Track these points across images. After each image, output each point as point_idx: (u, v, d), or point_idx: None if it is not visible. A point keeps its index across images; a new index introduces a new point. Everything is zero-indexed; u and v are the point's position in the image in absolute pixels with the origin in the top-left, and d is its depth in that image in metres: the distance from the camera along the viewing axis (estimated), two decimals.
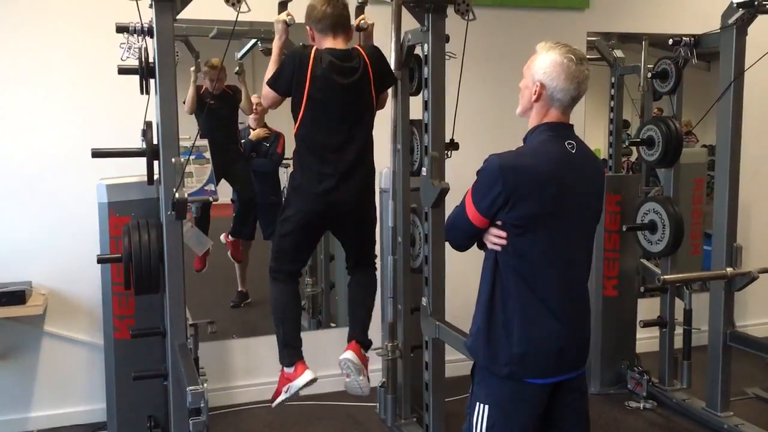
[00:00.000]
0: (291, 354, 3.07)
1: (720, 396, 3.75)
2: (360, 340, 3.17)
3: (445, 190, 3.17)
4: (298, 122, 2.98)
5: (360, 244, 3.25)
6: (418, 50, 3.40)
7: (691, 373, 4.10)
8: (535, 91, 2.13)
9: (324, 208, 3.04)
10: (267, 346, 4.19)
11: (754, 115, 4.54)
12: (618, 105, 4.83)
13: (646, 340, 4.52)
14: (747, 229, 5.23)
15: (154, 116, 3.14)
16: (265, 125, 4.44)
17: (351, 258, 3.27)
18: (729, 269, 3.59)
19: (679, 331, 4.19)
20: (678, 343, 4.19)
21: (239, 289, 4.54)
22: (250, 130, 4.45)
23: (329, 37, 3.01)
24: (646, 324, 4.20)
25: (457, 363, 3.70)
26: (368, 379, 3.15)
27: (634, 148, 4.23)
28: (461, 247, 2.30)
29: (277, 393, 3.12)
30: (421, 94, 3.35)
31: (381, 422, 3.89)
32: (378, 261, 3.82)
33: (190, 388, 2.41)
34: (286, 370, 3.08)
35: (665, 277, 3.70)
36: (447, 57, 3.28)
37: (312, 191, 3.00)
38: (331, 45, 3.00)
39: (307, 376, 3.02)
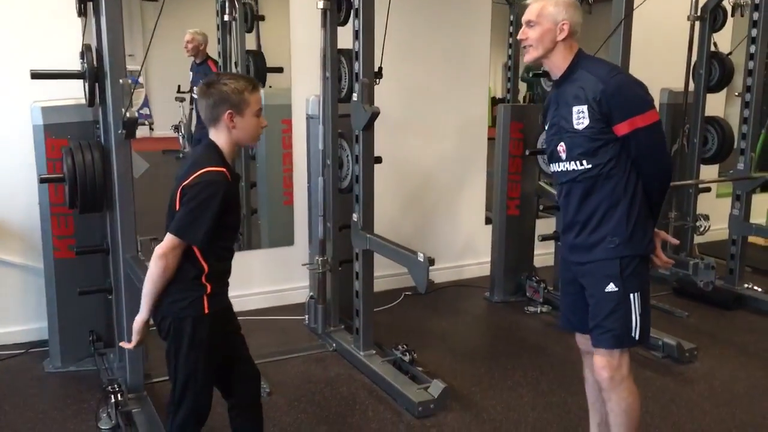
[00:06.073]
0: None
1: None
2: None
3: (375, 114, 3.47)
4: None
5: None
6: None
7: None
8: (562, 28, 2.38)
9: None
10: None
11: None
12: (516, 41, 5.24)
13: (543, 255, 5.06)
14: None
15: (92, 39, 3.23)
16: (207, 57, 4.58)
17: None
18: None
19: None
20: None
21: None
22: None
23: None
24: (545, 238, 4.71)
25: (379, 279, 4.06)
26: None
27: None
28: None
29: None
30: (351, 24, 3.57)
31: (310, 332, 4.23)
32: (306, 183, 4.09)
33: None
34: None
35: None
36: None
37: None
38: None
39: None
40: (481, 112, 5.30)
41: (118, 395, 3.08)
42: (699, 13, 4.83)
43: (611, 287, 2.38)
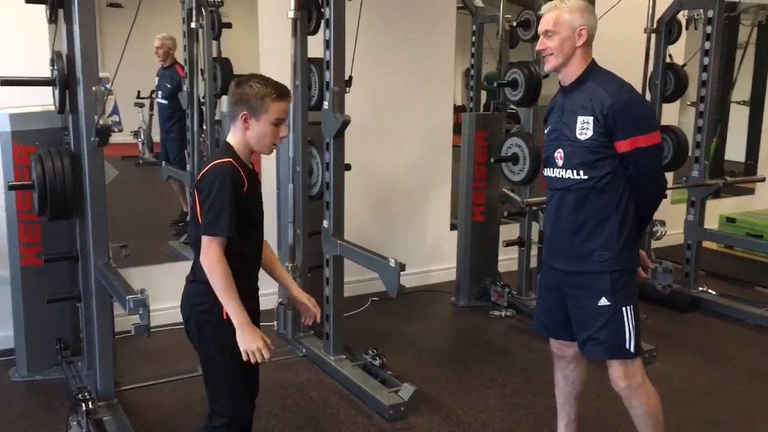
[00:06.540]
0: None
1: None
2: None
3: (346, 122, 3.53)
4: None
5: None
6: None
7: None
8: (580, 34, 2.38)
9: None
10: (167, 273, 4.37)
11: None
12: (478, 50, 5.36)
13: (506, 261, 5.16)
14: None
15: (63, 46, 3.21)
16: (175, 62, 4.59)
17: None
18: None
19: (534, 251, 4.85)
20: (534, 261, 4.87)
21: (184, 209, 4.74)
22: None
23: None
24: (509, 243, 4.82)
25: (346, 285, 4.10)
26: None
27: None
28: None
29: None
30: (322, 34, 3.62)
31: (279, 338, 4.25)
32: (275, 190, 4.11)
33: (130, 296, 2.61)
34: None
35: (528, 199, 4.29)
36: None
37: None
38: None
39: None
40: (447, 120, 5.40)
41: (89, 403, 3.06)
42: (655, 27, 5.02)
43: (603, 301, 2.43)
